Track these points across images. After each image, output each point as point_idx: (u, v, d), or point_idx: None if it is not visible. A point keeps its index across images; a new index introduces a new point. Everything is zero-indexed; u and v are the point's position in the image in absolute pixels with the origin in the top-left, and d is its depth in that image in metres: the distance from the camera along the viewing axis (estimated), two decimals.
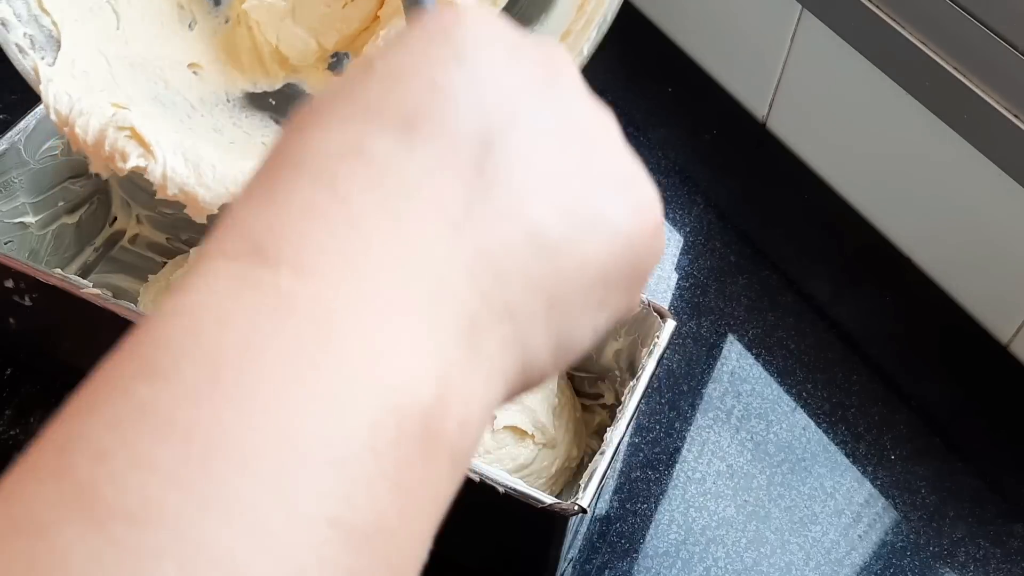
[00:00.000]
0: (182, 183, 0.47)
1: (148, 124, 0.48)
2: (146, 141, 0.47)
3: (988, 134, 0.64)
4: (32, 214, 0.61)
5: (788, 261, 0.75)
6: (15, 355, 0.61)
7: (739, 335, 0.70)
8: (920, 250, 0.74)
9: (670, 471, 0.62)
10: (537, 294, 0.22)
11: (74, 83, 0.48)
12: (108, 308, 0.51)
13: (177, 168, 0.47)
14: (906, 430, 0.65)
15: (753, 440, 0.64)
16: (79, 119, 0.47)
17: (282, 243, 0.20)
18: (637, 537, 0.59)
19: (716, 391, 0.66)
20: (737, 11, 0.81)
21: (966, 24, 0.63)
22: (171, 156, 0.47)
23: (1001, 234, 0.67)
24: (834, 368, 0.68)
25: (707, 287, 0.72)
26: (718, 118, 0.85)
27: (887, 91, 0.70)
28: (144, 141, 0.47)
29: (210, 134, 0.52)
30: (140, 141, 0.47)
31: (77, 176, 0.64)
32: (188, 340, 0.18)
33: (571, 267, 0.23)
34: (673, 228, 0.76)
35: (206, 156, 0.48)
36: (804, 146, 0.81)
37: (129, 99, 0.50)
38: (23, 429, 0.58)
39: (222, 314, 0.19)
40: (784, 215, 0.79)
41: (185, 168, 0.47)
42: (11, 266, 0.53)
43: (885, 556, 0.59)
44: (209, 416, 0.17)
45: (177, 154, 0.47)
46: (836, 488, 0.62)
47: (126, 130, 0.47)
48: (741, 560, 0.58)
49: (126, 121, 0.47)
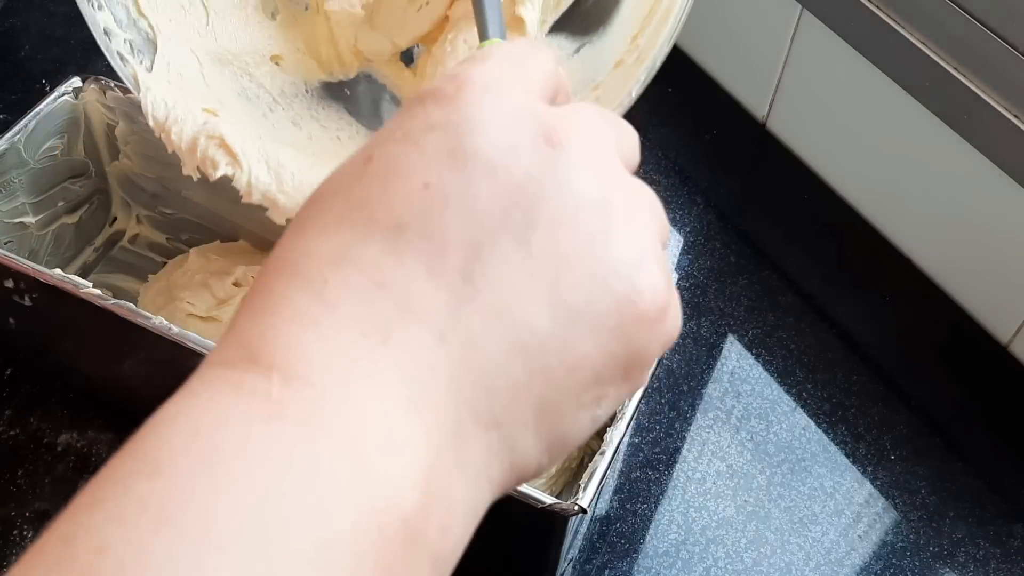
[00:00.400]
0: (265, 190, 0.51)
1: (235, 131, 0.51)
2: (233, 151, 0.51)
3: (988, 134, 0.64)
4: (32, 214, 0.61)
5: (788, 261, 0.75)
6: (15, 355, 0.61)
7: (739, 335, 0.70)
8: (920, 250, 0.74)
9: (670, 471, 0.62)
10: (525, 402, 0.22)
11: (169, 88, 0.52)
12: (108, 308, 0.51)
13: (260, 176, 0.51)
14: (906, 430, 0.65)
15: (753, 440, 0.64)
16: (174, 126, 0.51)
17: (273, 350, 0.21)
18: (637, 537, 0.59)
19: (716, 391, 0.66)
20: (737, 11, 0.81)
21: (966, 24, 0.63)
22: (255, 164, 0.51)
23: (1001, 234, 0.67)
24: (834, 368, 0.68)
25: (707, 287, 0.72)
26: (718, 118, 0.85)
27: (887, 91, 0.70)
28: (232, 151, 0.51)
29: (289, 129, 0.56)
30: (228, 151, 0.51)
31: (77, 176, 0.64)
32: (185, 440, 0.19)
33: (561, 371, 0.22)
34: (673, 228, 0.76)
35: (287, 163, 0.52)
36: (804, 146, 0.81)
37: (218, 100, 0.53)
38: (23, 429, 0.58)
39: (218, 417, 0.20)
40: (784, 215, 0.79)
41: (267, 176, 0.51)
42: (11, 266, 0.53)
43: (885, 556, 0.59)
44: (202, 512, 0.18)
45: (261, 162, 0.51)
46: (836, 488, 0.62)
47: (216, 139, 0.51)
48: (741, 560, 0.58)
49: (215, 130, 0.51)
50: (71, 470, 0.57)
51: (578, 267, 0.23)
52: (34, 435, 0.58)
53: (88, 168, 0.64)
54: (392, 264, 0.22)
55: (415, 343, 0.21)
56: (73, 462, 0.58)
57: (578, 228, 0.23)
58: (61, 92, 0.60)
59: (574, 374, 0.23)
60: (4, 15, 0.83)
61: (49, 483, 0.56)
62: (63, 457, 0.58)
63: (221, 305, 0.62)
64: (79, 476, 0.57)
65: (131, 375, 0.56)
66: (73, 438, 0.59)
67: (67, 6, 0.53)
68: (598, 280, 0.23)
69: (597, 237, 0.23)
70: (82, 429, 0.59)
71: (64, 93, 0.60)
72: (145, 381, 0.56)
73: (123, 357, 0.55)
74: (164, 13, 0.55)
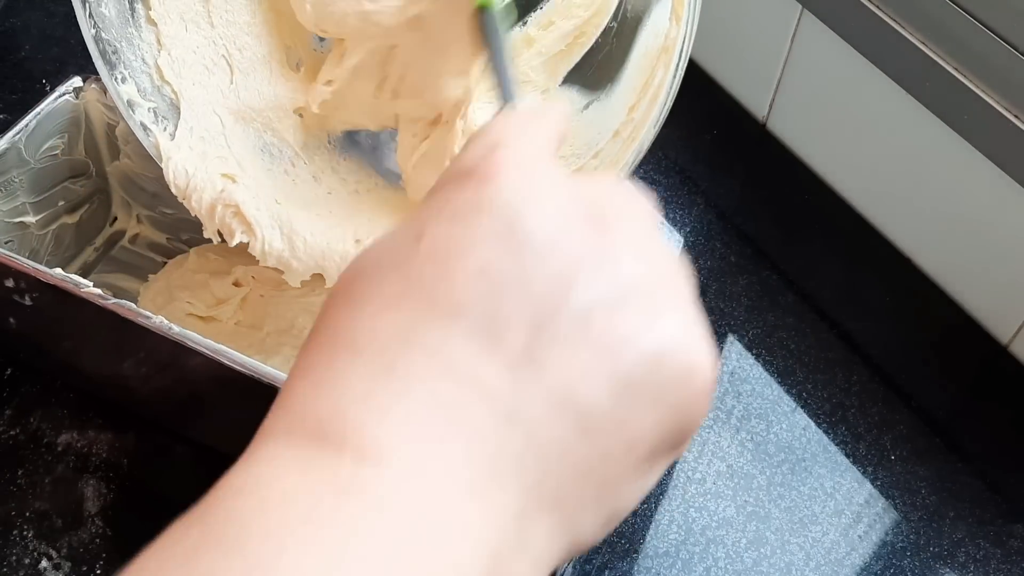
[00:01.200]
0: (279, 256, 0.54)
1: (252, 197, 0.54)
2: (248, 220, 0.54)
3: (988, 134, 0.64)
4: (32, 214, 0.61)
5: (788, 261, 0.75)
6: (15, 355, 0.61)
7: (739, 335, 0.70)
8: (920, 250, 0.74)
9: (670, 471, 0.62)
10: (587, 481, 0.23)
11: (191, 154, 0.55)
12: (108, 308, 0.51)
13: (274, 243, 0.54)
14: (906, 430, 0.65)
15: (753, 440, 0.64)
16: (194, 194, 0.54)
17: (346, 429, 0.21)
18: (637, 537, 0.59)
19: (716, 391, 0.66)
20: (737, 11, 0.81)
21: (966, 24, 0.63)
22: (269, 231, 0.54)
23: (1001, 235, 0.67)
24: (834, 368, 0.68)
25: (707, 287, 0.72)
26: (718, 118, 0.85)
27: (887, 91, 0.70)
28: (246, 220, 0.54)
29: (309, 184, 0.58)
30: (243, 219, 0.54)
31: (77, 176, 0.64)
32: (254, 514, 0.19)
33: (621, 448, 0.23)
34: (673, 228, 0.76)
35: (300, 229, 0.54)
36: (804, 146, 0.81)
37: (239, 162, 0.56)
38: (23, 429, 0.58)
39: (287, 492, 0.20)
40: (784, 215, 0.79)
41: (281, 242, 0.54)
42: (11, 266, 0.53)
43: (885, 556, 0.59)
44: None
45: (275, 229, 0.54)
46: (836, 488, 0.62)
47: (232, 207, 0.54)
48: (741, 560, 0.58)
49: (232, 198, 0.54)
50: (71, 470, 0.57)
51: (636, 347, 0.23)
52: (34, 435, 0.58)
53: (88, 168, 0.64)
54: (457, 347, 0.22)
55: (482, 425, 0.22)
56: (73, 462, 0.58)
57: (633, 308, 0.24)
58: (61, 92, 0.60)
59: (633, 450, 0.23)
60: (4, 15, 0.83)
61: (49, 483, 0.56)
62: (63, 457, 0.58)
63: (221, 305, 0.62)
64: (79, 476, 0.57)
65: (131, 375, 0.56)
66: (73, 438, 0.59)
67: (67, 6, 0.53)
68: (656, 359, 0.23)
69: (651, 315, 0.24)
70: (82, 429, 0.59)
71: (64, 93, 0.60)
72: (145, 381, 0.56)
73: (123, 357, 0.55)
74: (188, 77, 0.56)
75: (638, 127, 0.51)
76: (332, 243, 0.54)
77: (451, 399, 0.22)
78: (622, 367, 0.23)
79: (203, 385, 0.53)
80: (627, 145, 0.50)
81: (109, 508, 0.55)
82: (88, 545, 0.54)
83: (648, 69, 0.52)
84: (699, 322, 0.25)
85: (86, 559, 0.53)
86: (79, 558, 0.53)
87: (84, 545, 0.54)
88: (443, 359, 0.22)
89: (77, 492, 0.56)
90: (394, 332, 0.23)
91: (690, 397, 0.24)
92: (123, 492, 0.56)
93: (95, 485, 0.57)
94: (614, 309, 0.23)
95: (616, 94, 0.54)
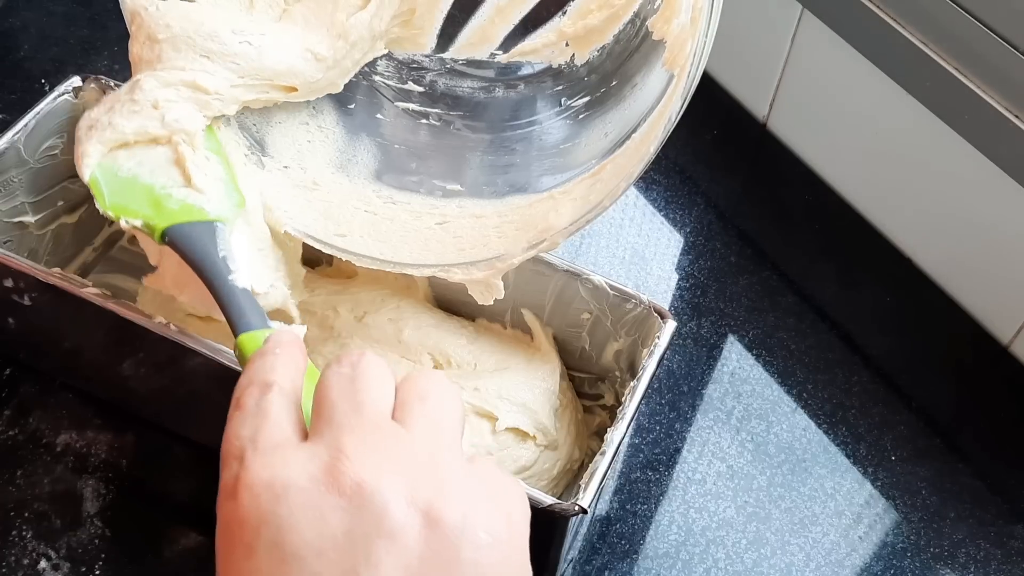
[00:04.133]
0: None
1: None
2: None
3: (988, 134, 0.64)
4: (32, 214, 0.61)
5: (788, 261, 0.75)
6: (15, 355, 0.61)
7: (739, 336, 0.70)
8: (921, 250, 0.74)
9: (670, 472, 0.62)
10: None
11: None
12: (108, 308, 0.51)
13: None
14: (907, 431, 0.65)
15: (753, 441, 0.64)
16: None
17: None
18: (637, 538, 0.59)
19: (716, 392, 0.66)
20: (737, 11, 0.81)
21: (966, 24, 0.63)
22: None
23: (1002, 235, 0.67)
24: (835, 369, 0.68)
25: (707, 287, 0.72)
26: (718, 118, 0.85)
27: (887, 91, 0.70)
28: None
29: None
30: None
31: (76, 176, 0.64)
32: None
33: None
34: (673, 228, 0.76)
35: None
36: (804, 146, 0.81)
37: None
38: (23, 429, 0.58)
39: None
40: (784, 215, 0.79)
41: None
42: (11, 265, 0.53)
43: (886, 557, 0.59)
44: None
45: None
46: (836, 489, 0.62)
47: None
48: (741, 561, 0.58)
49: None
50: (70, 470, 0.57)
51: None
52: (33, 435, 0.58)
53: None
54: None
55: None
56: (72, 462, 0.57)
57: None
58: (61, 91, 0.60)
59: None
60: (4, 15, 0.83)
61: (48, 483, 0.56)
62: (62, 457, 0.58)
63: None
64: (78, 476, 0.57)
65: (130, 374, 0.56)
66: (72, 438, 0.59)
67: (67, 6, 0.53)
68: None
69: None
70: (81, 429, 0.59)
71: (64, 92, 0.60)
72: (144, 381, 0.56)
73: (122, 356, 0.55)
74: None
75: (598, 194, 0.52)
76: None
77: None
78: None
79: (202, 385, 0.53)
80: (590, 210, 0.51)
81: (108, 508, 0.55)
82: (87, 545, 0.54)
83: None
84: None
85: (85, 559, 0.53)
86: (78, 558, 0.53)
87: (83, 545, 0.54)
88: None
89: (76, 492, 0.56)
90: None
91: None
92: (122, 492, 0.56)
93: (94, 485, 0.57)
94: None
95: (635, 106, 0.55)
